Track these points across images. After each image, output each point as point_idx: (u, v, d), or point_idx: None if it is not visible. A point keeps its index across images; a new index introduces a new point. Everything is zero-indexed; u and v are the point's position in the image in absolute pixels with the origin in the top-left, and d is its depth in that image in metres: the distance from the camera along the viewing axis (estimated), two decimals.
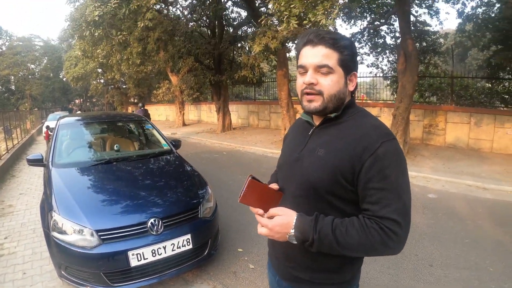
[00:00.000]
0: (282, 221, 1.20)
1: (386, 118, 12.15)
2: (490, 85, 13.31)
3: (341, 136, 1.24)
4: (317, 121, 1.35)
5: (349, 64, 1.26)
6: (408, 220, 1.14)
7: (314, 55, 1.22)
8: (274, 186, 1.40)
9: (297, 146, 1.38)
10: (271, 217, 1.24)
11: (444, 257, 3.89)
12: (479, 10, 12.68)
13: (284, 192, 1.36)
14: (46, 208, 3.39)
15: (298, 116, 1.47)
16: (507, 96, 12.44)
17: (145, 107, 16.41)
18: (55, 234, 3.02)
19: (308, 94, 1.25)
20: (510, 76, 12.87)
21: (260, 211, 1.27)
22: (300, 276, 1.35)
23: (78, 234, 2.94)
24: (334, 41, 1.21)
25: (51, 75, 47.78)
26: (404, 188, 1.15)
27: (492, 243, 4.25)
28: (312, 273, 1.32)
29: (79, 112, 32.52)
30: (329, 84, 1.22)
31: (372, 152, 1.13)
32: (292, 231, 1.18)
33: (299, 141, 1.40)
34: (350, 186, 1.19)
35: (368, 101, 15.43)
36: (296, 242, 1.20)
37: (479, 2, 12.63)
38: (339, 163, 1.18)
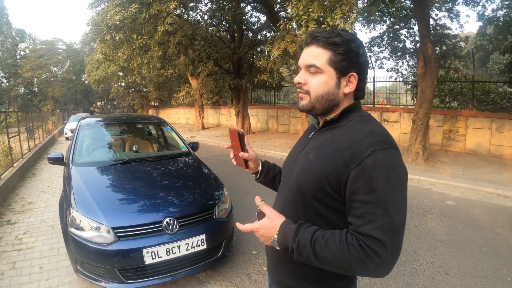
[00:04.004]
0: (268, 224, 1.18)
1: (406, 123, 12.05)
2: None
3: (333, 141, 1.17)
4: (321, 124, 1.32)
5: (342, 64, 1.17)
6: (397, 241, 1.02)
7: (306, 55, 1.20)
8: (250, 153, 1.49)
9: (298, 148, 1.37)
10: (260, 214, 1.23)
11: (460, 265, 3.81)
12: (500, 12, 12.40)
13: (280, 192, 1.41)
14: (64, 205, 3.47)
15: None
16: None
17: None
18: (72, 230, 3.09)
19: (299, 92, 1.25)
20: None
21: (228, 145, 1.55)
22: (287, 283, 1.31)
23: (95, 230, 3.01)
24: (327, 40, 1.16)
25: (73, 77, 48.88)
26: (394, 204, 1.02)
27: (511, 252, 4.14)
28: (298, 281, 1.27)
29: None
30: (316, 84, 1.19)
31: (359, 162, 1.04)
32: (276, 236, 1.15)
33: (301, 143, 1.39)
34: (337, 195, 1.11)
35: (388, 106, 15.26)
36: (279, 248, 1.17)
37: (500, 4, 12.38)
38: (325, 170, 1.12)
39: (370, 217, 1.01)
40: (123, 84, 37.42)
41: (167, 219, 3.18)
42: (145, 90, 37.79)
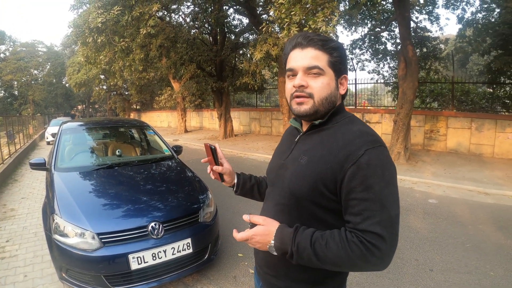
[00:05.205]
0: (263, 231, 1.17)
1: (387, 124, 12.19)
2: (491, 90, 13.32)
3: (324, 143, 1.18)
4: (305, 127, 1.31)
5: (339, 67, 1.21)
6: (394, 234, 1.05)
7: (303, 57, 1.18)
8: (225, 166, 1.52)
9: (283, 153, 1.36)
10: (253, 225, 1.22)
11: (444, 261, 3.89)
12: (479, 15, 12.75)
13: (268, 198, 1.39)
14: (48, 211, 3.41)
15: None
16: (508, 101, 12.45)
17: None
18: (56, 236, 3.04)
19: (298, 97, 1.20)
20: (511, 81, 12.87)
21: (204, 159, 1.56)
22: (279, 285, 1.31)
23: (79, 237, 2.97)
24: (323, 43, 1.18)
25: (54, 80, 48.04)
26: (389, 199, 1.05)
27: (493, 247, 4.25)
28: (291, 283, 1.28)
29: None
30: (320, 86, 1.17)
31: (354, 161, 1.06)
32: (273, 242, 1.15)
33: (286, 148, 1.38)
34: (332, 196, 1.13)
35: (370, 108, 15.43)
36: (276, 253, 1.16)
37: (479, 7, 12.71)
38: (320, 172, 1.13)
39: (368, 213, 1.04)
40: (104, 87, 36.91)
41: (152, 224, 3.15)
42: (127, 93, 37.38)
